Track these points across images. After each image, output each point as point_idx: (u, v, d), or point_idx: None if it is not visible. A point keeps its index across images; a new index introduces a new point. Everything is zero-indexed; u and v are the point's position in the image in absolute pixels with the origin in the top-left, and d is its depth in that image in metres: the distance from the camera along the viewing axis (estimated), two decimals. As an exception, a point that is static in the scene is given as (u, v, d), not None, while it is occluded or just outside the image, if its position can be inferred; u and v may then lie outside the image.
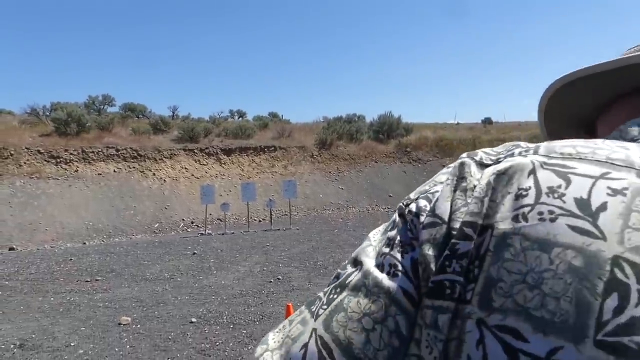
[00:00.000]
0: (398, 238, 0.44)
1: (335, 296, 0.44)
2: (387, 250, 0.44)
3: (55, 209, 15.26)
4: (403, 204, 0.46)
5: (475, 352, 0.34)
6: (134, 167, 18.25)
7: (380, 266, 0.43)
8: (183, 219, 16.54)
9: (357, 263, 0.45)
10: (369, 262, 0.44)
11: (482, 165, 0.43)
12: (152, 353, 4.61)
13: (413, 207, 0.44)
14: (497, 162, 0.43)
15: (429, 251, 0.40)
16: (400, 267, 0.41)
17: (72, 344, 4.92)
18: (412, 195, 0.46)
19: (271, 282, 7.35)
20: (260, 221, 16.77)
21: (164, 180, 18.23)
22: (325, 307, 0.44)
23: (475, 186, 0.41)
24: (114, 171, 17.80)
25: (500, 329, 0.33)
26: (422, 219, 0.42)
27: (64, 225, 14.68)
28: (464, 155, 0.46)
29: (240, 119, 31.85)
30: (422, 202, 0.44)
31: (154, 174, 18.31)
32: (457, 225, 0.39)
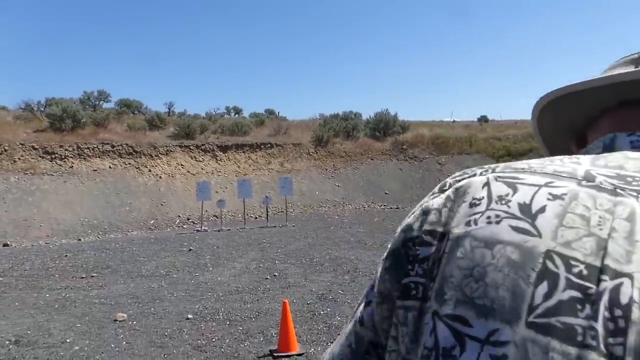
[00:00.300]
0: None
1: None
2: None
3: (50, 205, 15.19)
4: None
5: (429, 339, 0.38)
6: (129, 164, 18.19)
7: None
8: (179, 216, 16.50)
9: None
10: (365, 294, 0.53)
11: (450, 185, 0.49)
12: (148, 349, 4.60)
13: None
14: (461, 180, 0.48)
15: (387, 263, 0.47)
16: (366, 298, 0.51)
17: (67, 341, 4.91)
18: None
19: (267, 278, 7.35)
20: (256, 218, 16.76)
21: (160, 177, 18.18)
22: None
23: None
24: (110, 167, 17.74)
25: (450, 317, 0.37)
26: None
27: (58, 222, 14.62)
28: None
29: (237, 115, 31.78)
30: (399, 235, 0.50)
31: (149, 171, 18.26)
32: (415, 234, 0.45)
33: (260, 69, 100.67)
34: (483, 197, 0.42)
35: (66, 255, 10.19)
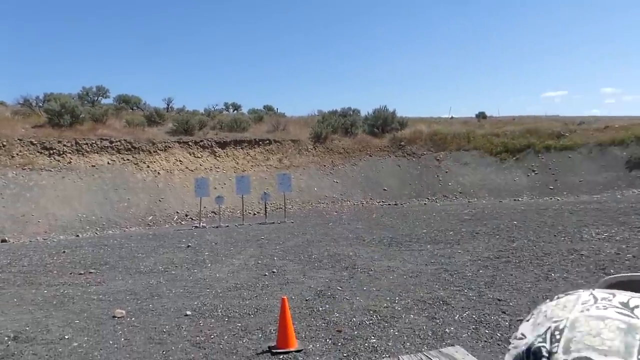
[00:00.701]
0: None
1: None
2: None
3: (48, 201, 15.17)
4: None
5: None
6: (128, 160, 18.16)
7: None
8: (177, 212, 16.50)
9: None
10: None
11: None
12: (147, 346, 4.60)
13: None
14: None
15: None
16: None
17: (66, 337, 4.91)
18: None
19: (266, 275, 7.35)
20: (254, 214, 16.77)
21: (158, 173, 18.16)
22: None
23: None
24: (108, 163, 17.71)
25: (577, 358, 0.49)
26: None
27: (56, 217, 14.61)
28: None
29: (235, 112, 31.76)
30: None
31: (148, 167, 18.23)
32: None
33: (259, 65, 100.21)
34: (590, 299, 0.56)
35: (64, 252, 10.19)
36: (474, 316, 4.93)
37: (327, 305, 5.59)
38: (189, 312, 5.60)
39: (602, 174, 19.22)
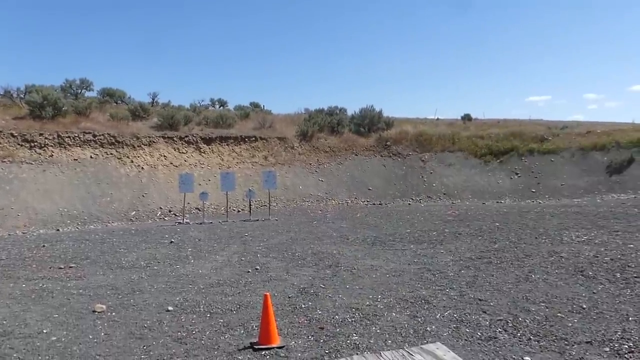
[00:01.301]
0: None
1: None
2: None
3: (29, 194, 14.91)
4: None
5: None
6: (111, 154, 17.94)
7: None
8: (161, 208, 16.35)
9: None
10: None
11: None
12: (127, 341, 4.56)
13: None
14: None
15: None
16: None
17: (44, 331, 4.84)
18: None
19: (249, 272, 7.34)
20: (239, 211, 16.70)
21: (142, 168, 17.97)
22: None
23: None
24: (91, 157, 17.47)
25: None
26: None
27: (37, 211, 14.37)
28: None
29: (221, 108, 31.57)
30: None
31: (131, 161, 18.04)
32: None
33: (246, 62, 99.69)
34: None
35: (44, 246, 10.04)
36: (455, 315, 4.98)
37: (310, 303, 5.59)
38: (170, 308, 5.56)
39: (584, 178, 19.55)
